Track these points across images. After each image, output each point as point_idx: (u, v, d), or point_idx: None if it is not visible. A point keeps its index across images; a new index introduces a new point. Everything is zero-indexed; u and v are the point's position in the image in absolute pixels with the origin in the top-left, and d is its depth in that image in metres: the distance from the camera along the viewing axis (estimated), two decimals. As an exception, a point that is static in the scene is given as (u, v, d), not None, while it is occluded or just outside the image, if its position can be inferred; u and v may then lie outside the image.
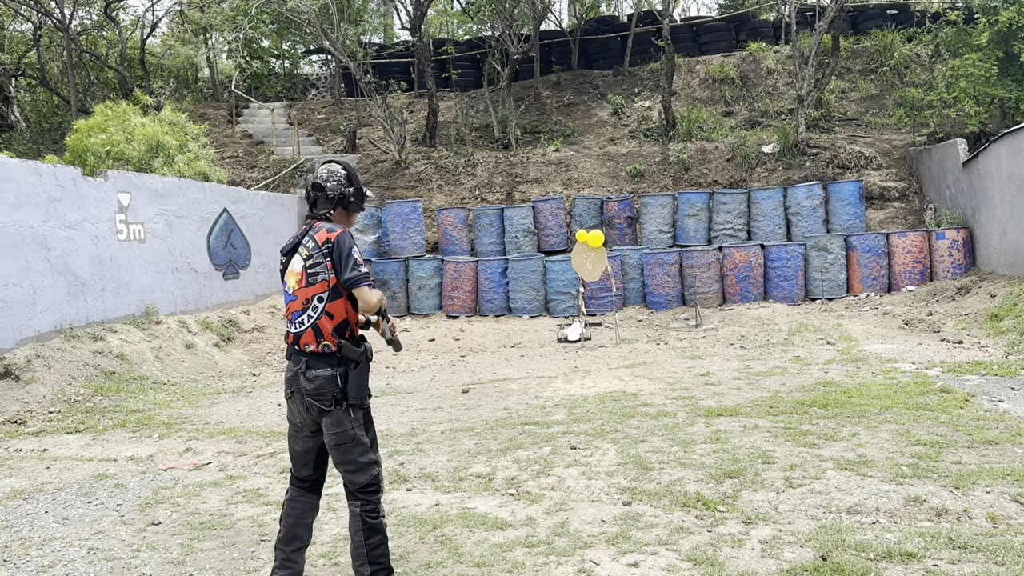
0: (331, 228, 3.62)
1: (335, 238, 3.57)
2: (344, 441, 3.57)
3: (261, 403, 8.91)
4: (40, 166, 9.92)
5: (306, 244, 3.65)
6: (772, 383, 8.23)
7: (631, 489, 5.07)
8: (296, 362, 3.64)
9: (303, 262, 3.64)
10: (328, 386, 3.54)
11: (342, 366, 3.58)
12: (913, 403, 6.97)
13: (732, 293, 14.59)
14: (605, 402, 7.77)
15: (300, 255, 3.67)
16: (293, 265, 3.70)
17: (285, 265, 3.76)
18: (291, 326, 3.67)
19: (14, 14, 24.66)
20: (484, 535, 4.47)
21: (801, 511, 4.62)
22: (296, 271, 3.67)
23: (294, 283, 3.67)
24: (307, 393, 3.56)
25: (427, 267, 15.43)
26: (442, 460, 6.02)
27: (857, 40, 21.98)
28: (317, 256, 3.59)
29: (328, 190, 3.73)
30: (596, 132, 20.37)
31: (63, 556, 4.48)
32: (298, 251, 3.69)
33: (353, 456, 3.60)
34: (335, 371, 3.56)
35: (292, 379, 3.64)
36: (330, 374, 3.55)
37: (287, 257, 3.76)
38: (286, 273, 3.75)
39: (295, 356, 3.65)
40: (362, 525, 3.62)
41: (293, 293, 3.67)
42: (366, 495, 3.64)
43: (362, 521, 3.62)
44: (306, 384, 3.56)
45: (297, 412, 3.67)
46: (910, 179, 16.57)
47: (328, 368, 3.56)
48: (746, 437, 6.12)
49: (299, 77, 28.86)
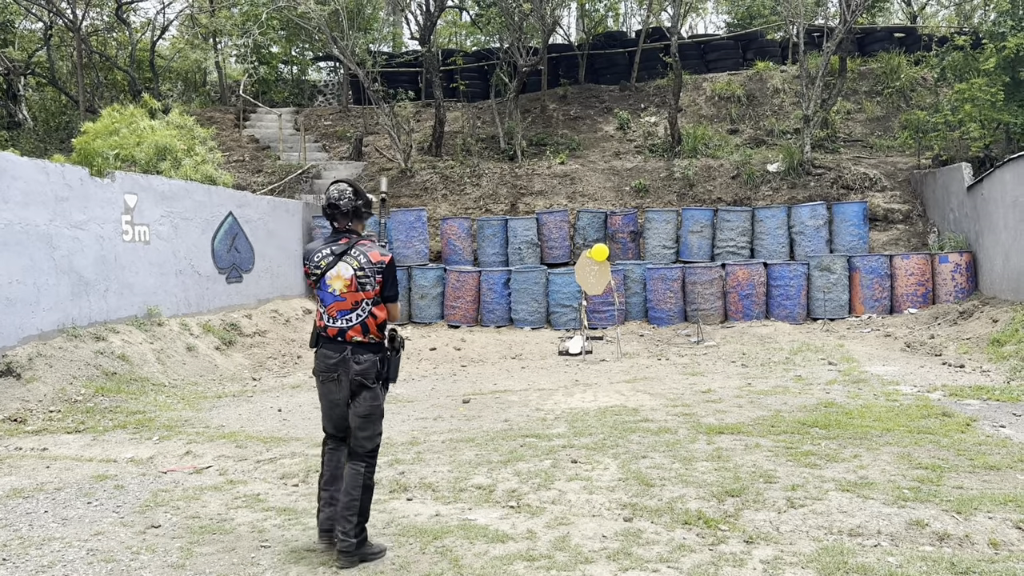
0: (383, 252, 4.39)
1: (388, 262, 4.38)
2: (374, 412, 4.38)
3: (262, 408, 8.90)
4: (48, 165, 9.94)
5: (357, 257, 4.36)
6: (774, 402, 8.22)
7: (632, 505, 5.06)
8: (339, 350, 4.36)
9: (353, 271, 4.35)
10: (372, 369, 4.34)
11: (382, 353, 4.39)
12: (915, 426, 6.96)
13: (734, 310, 14.61)
14: (606, 416, 7.76)
15: (350, 265, 4.35)
16: (341, 271, 4.37)
17: (325, 269, 4.38)
18: (335, 321, 4.38)
19: (25, 13, 24.76)
20: (485, 547, 4.46)
21: (803, 532, 4.60)
22: (345, 277, 4.36)
23: (342, 286, 4.36)
24: (356, 373, 4.33)
25: (430, 276, 15.44)
26: (443, 470, 6.01)
27: (864, 62, 22.09)
28: (369, 271, 4.35)
29: (342, 207, 4.41)
30: (601, 146, 20.43)
31: (62, 556, 4.47)
32: (346, 260, 4.37)
33: (374, 426, 4.39)
34: (376, 357, 4.36)
35: (340, 362, 4.35)
36: (374, 359, 4.35)
37: (330, 262, 4.37)
38: (329, 276, 4.38)
39: (337, 345, 4.37)
40: (362, 483, 4.33)
41: (340, 295, 4.37)
42: (371, 458, 4.41)
43: (363, 480, 4.34)
44: (355, 366, 4.33)
45: (337, 390, 4.40)
46: (914, 202, 16.61)
47: (371, 354, 4.36)
48: (748, 456, 6.12)
49: (307, 83, 28.96)
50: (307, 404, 9.02)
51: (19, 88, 24.91)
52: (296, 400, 9.36)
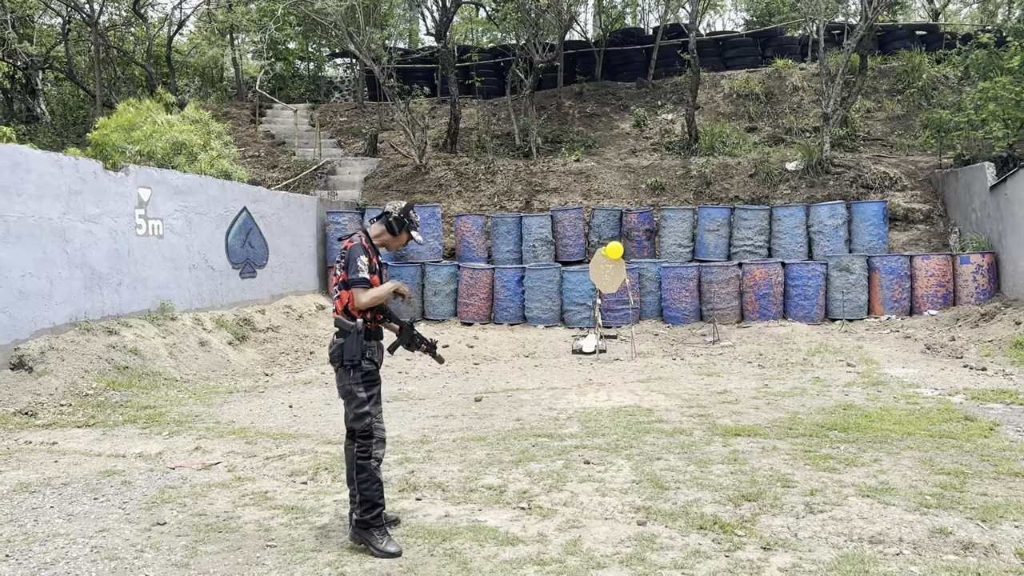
0: (352, 240, 4.60)
1: (346, 247, 4.57)
2: (345, 394, 4.56)
3: (272, 404, 8.84)
4: (62, 158, 9.92)
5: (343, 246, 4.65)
6: (791, 404, 8.07)
7: (646, 508, 4.94)
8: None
9: (336, 260, 4.67)
10: (337, 351, 4.55)
11: (343, 337, 4.53)
12: (936, 430, 6.80)
13: (751, 310, 14.42)
14: (620, 417, 7.64)
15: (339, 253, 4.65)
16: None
17: None
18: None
19: (44, 7, 24.87)
20: (494, 550, 4.35)
21: (822, 538, 4.47)
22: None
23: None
24: (329, 353, 4.63)
25: (443, 273, 15.35)
26: (453, 470, 5.92)
27: (884, 60, 21.81)
28: (340, 257, 4.60)
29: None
30: (617, 144, 20.27)
31: (66, 553, 4.41)
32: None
33: (350, 406, 4.54)
34: (341, 340, 4.54)
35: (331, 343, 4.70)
36: (340, 342, 4.55)
37: None
38: None
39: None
40: (355, 461, 4.51)
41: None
42: (360, 439, 4.52)
43: (355, 458, 4.51)
44: (329, 348, 4.63)
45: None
46: (935, 201, 16.35)
47: (338, 337, 4.58)
48: (764, 459, 5.98)
49: (323, 80, 28.95)
50: (318, 400, 8.95)
51: (37, 82, 25.03)
52: (307, 396, 9.29)
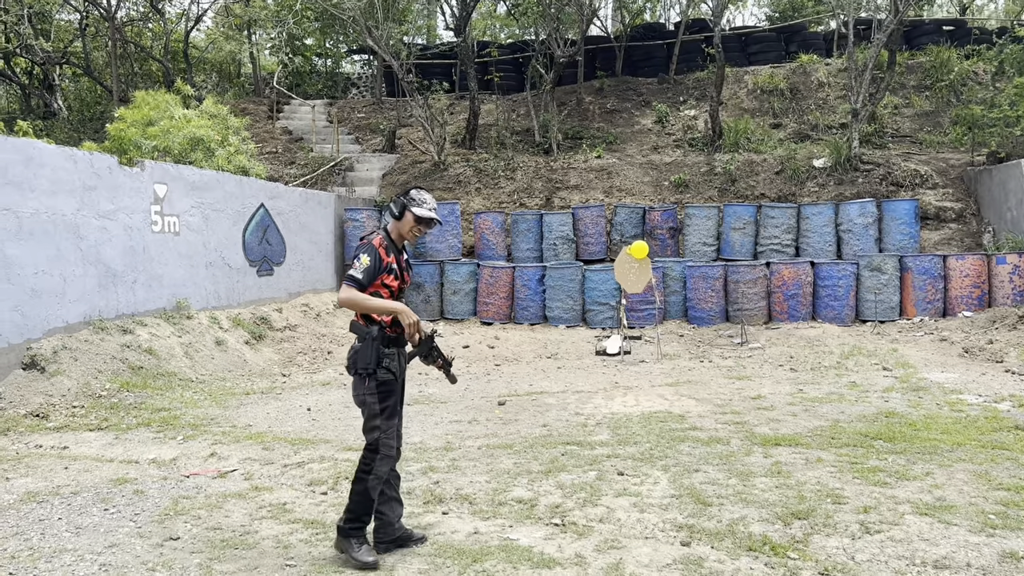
0: (369, 237, 4.27)
1: (359, 243, 4.26)
2: (360, 403, 4.23)
3: (290, 406, 8.58)
4: (76, 153, 9.70)
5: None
6: (830, 411, 7.73)
7: (689, 527, 4.63)
8: None
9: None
10: (351, 356, 4.21)
11: (360, 342, 4.17)
12: (987, 440, 6.45)
13: (779, 311, 14.03)
14: (651, 423, 7.32)
15: None
16: None
17: None
18: None
19: (62, 3, 24.77)
20: (529, 574, 4.05)
21: (881, 562, 4.14)
22: None
23: None
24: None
25: (463, 271, 15.05)
26: (480, 480, 5.62)
27: (911, 55, 21.30)
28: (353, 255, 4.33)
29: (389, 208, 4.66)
30: (639, 140, 19.90)
31: (72, 571, 4.14)
32: None
33: (364, 417, 4.24)
34: (356, 345, 4.19)
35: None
36: (354, 347, 4.20)
37: None
38: None
39: None
40: (356, 471, 4.22)
41: None
42: (367, 451, 4.23)
43: (357, 469, 4.23)
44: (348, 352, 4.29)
45: None
46: (967, 200, 15.89)
47: (356, 342, 4.21)
48: (810, 471, 5.65)
49: (341, 76, 28.74)
50: (337, 403, 8.68)
51: (54, 78, 24.94)
52: (326, 398, 9.03)
